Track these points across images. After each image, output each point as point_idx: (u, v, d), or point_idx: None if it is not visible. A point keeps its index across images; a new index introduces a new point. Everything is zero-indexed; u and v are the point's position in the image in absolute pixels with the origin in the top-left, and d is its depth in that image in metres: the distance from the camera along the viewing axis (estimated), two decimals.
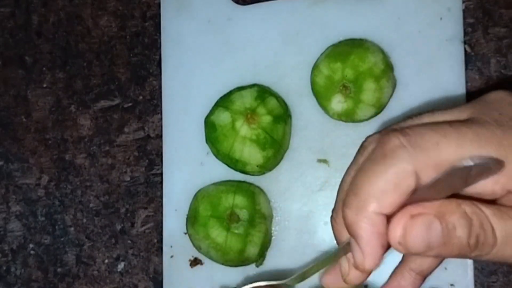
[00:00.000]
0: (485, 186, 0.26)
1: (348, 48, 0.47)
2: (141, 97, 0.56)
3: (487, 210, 0.26)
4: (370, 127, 0.48)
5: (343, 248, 0.29)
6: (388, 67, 0.47)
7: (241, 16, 0.52)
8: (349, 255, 0.29)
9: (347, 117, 0.47)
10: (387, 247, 0.26)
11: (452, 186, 0.25)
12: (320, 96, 0.48)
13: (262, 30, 0.52)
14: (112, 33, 0.57)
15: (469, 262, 0.45)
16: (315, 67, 0.48)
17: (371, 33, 0.49)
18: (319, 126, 0.50)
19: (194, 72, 0.53)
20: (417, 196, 0.25)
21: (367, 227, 0.25)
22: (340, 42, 0.49)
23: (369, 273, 0.28)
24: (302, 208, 0.49)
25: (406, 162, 0.25)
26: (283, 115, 0.48)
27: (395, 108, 0.48)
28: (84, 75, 0.57)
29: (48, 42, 0.59)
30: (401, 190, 0.25)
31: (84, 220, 0.56)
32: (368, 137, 0.29)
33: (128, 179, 0.55)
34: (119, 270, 0.55)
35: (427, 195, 0.25)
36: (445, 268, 0.46)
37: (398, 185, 0.25)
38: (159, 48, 0.55)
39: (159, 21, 0.55)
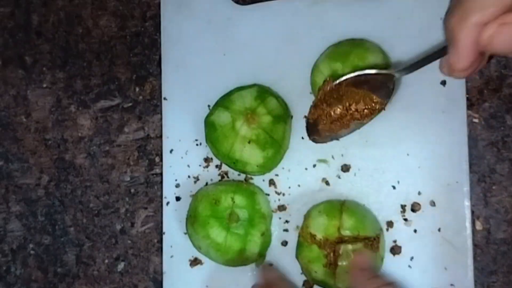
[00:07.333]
0: None
1: (348, 48, 0.47)
2: (141, 97, 0.56)
3: None
4: (371, 126, 0.48)
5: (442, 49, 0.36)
6: (388, 67, 0.47)
7: (241, 16, 0.52)
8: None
9: None
10: (478, 56, 0.32)
11: None
12: None
13: (262, 30, 0.52)
14: (112, 33, 0.57)
15: (469, 262, 0.45)
16: (315, 67, 0.48)
17: (371, 33, 0.49)
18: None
19: (194, 72, 0.53)
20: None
21: (466, 34, 0.31)
22: (340, 42, 0.49)
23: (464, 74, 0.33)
24: (302, 208, 0.49)
25: None
26: (283, 115, 0.48)
27: (396, 107, 0.48)
28: (84, 75, 0.57)
29: (48, 42, 0.59)
30: (503, 3, 0.29)
31: (84, 220, 0.56)
32: None
33: (128, 179, 0.55)
34: (119, 270, 0.55)
35: None
36: (445, 269, 0.46)
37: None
38: (159, 48, 0.55)
39: (159, 21, 0.55)
